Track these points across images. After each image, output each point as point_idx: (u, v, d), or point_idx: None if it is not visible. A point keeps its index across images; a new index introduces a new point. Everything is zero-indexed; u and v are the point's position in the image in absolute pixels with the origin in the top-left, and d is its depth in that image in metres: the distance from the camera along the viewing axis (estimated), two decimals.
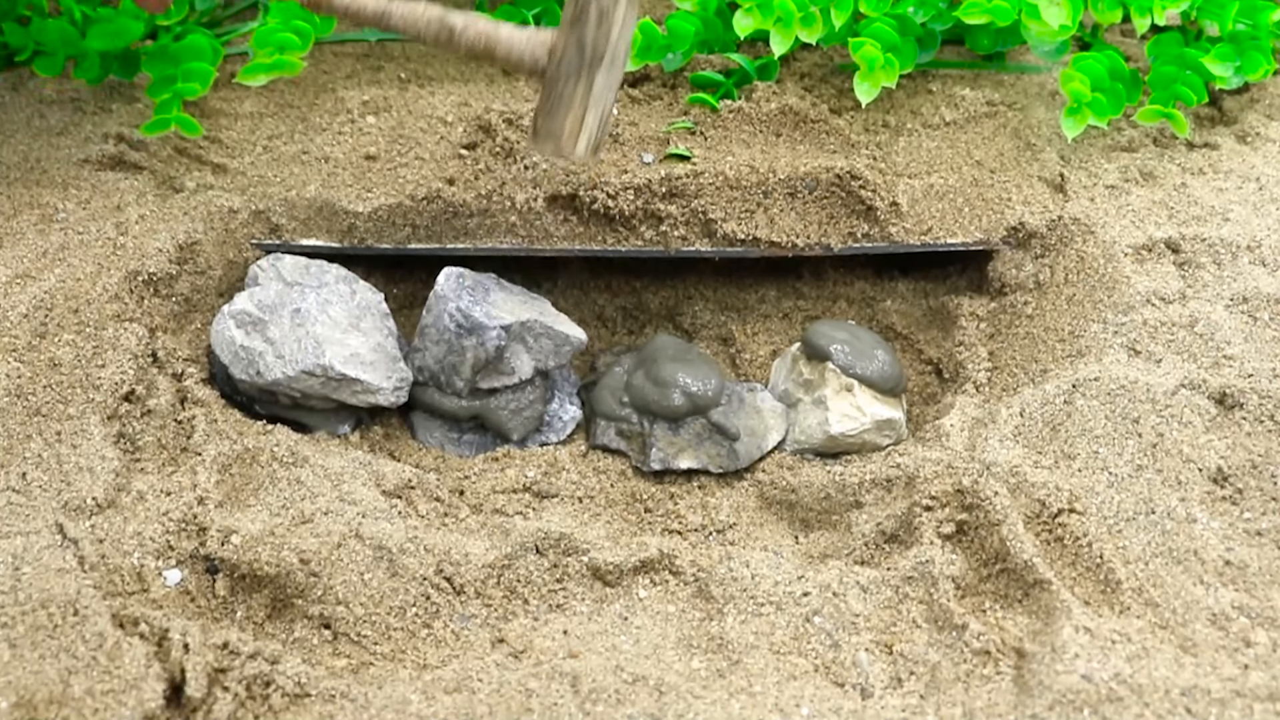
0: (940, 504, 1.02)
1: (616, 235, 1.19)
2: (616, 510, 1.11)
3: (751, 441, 1.13)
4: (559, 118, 1.02)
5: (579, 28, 1.00)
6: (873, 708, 0.90)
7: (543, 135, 1.04)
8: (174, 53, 1.21)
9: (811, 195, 1.20)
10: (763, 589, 0.99)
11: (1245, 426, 1.05)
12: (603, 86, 1.02)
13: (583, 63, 1.01)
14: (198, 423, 1.07)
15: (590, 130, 1.03)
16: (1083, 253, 1.18)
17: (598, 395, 1.16)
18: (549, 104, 1.03)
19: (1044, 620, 0.93)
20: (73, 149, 1.24)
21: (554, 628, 0.98)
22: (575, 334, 1.13)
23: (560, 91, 1.02)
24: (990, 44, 1.34)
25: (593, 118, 1.03)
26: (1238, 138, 1.32)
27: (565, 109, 1.02)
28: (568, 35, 1.01)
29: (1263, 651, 0.91)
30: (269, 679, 0.91)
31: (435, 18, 1.03)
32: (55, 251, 1.14)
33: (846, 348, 1.14)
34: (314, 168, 1.24)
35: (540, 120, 1.03)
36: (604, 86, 1.02)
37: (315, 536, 0.98)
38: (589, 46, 1.01)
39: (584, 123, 1.02)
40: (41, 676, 0.87)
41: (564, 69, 1.01)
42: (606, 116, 1.05)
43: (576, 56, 1.01)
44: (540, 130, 1.04)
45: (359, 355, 1.09)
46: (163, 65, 1.21)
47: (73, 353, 1.07)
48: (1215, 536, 0.98)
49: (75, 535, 0.95)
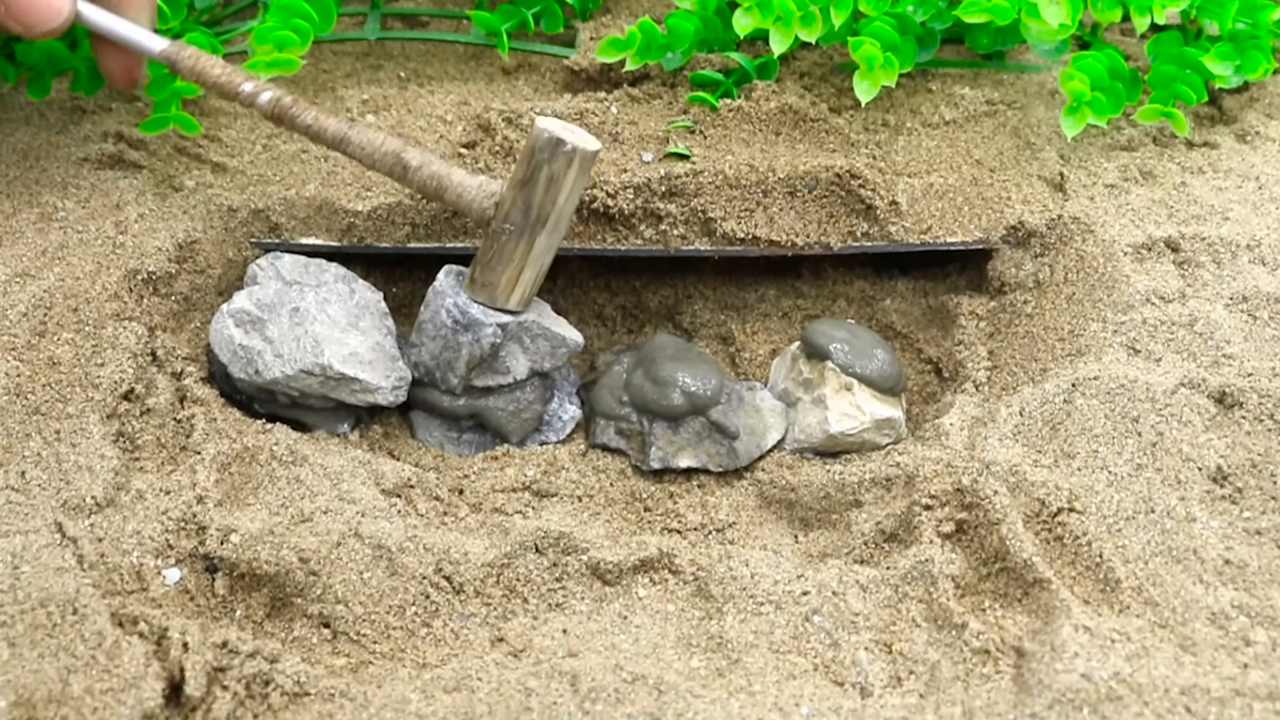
0: (940, 503, 1.02)
1: (616, 234, 1.19)
2: (616, 509, 1.11)
3: (751, 440, 1.13)
4: (497, 271, 1.06)
5: (528, 190, 1.03)
6: (872, 707, 0.90)
7: (479, 285, 1.07)
8: None
9: (811, 194, 1.19)
10: (762, 588, 0.99)
11: (1245, 426, 1.05)
12: (542, 248, 1.05)
13: (526, 224, 1.04)
14: (197, 421, 1.07)
15: (525, 285, 1.07)
16: (1082, 252, 1.18)
17: (597, 394, 1.16)
18: (489, 256, 1.06)
19: (1043, 619, 0.93)
20: (72, 148, 1.23)
21: (553, 627, 0.98)
22: (572, 336, 1.13)
23: (501, 247, 1.05)
24: (990, 43, 1.33)
25: (529, 274, 1.06)
26: (1237, 137, 1.31)
27: (504, 264, 1.05)
28: (515, 194, 1.04)
29: (1262, 650, 0.91)
30: (268, 678, 0.91)
31: (391, 151, 1.06)
32: (54, 250, 1.14)
33: (846, 347, 1.14)
34: (313, 166, 1.24)
35: (478, 270, 1.07)
36: (544, 248, 1.05)
37: (314, 535, 0.98)
38: (534, 209, 1.04)
39: (520, 278, 1.06)
40: (40, 675, 0.87)
41: (507, 226, 1.04)
42: (542, 275, 1.08)
43: (521, 217, 1.04)
44: (477, 280, 1.07)
45: (358, 354, 1.09)
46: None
47: (72, 351, 1.07)
48: (1215, 535, 0.98)
49: (74, 534, 0.95)
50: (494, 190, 1.05)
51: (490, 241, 1.06)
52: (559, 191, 1.03)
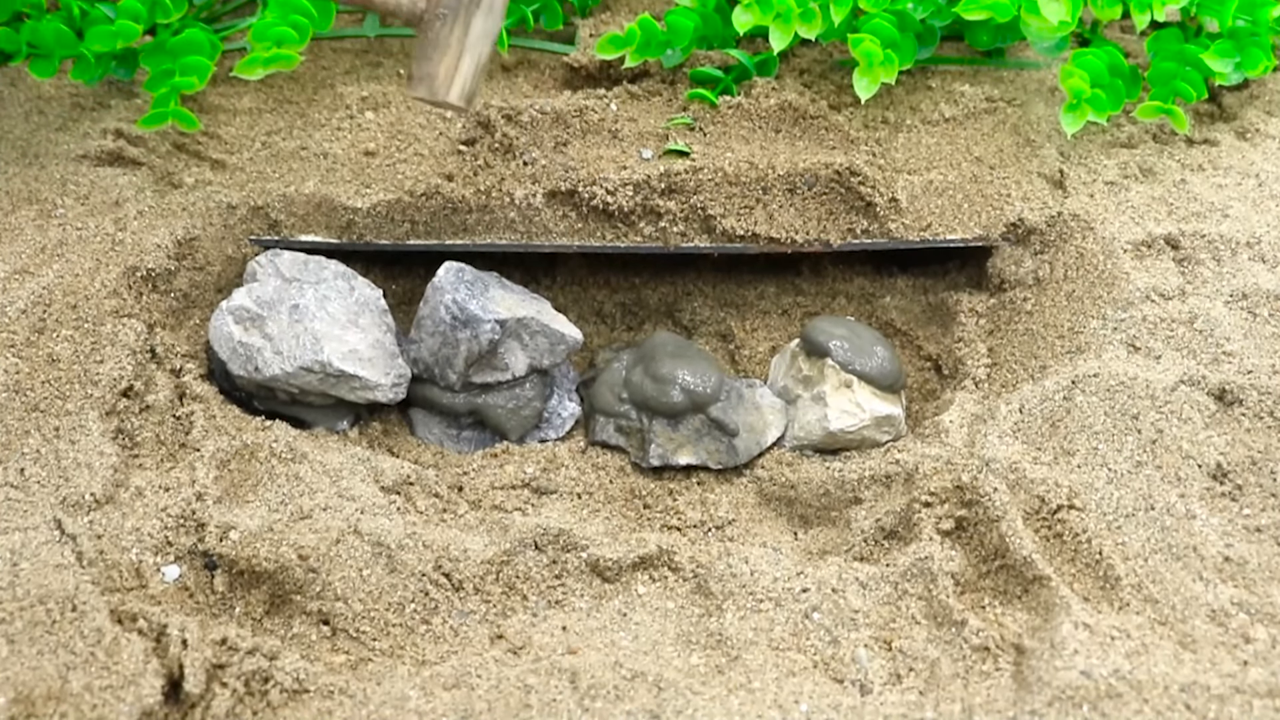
0: (939, 500, 1.02)
1: (615, 231, 1.19)
2: (615, 506, 1.10)
3: (750, 438, 1.13)
4: (434, 61, 1.02)
5: None
6: (872, 704, 0.90)
7: (417, 79, 1.04)
8: (172, 48, 1.21)
9: (811, 191, 1.19)
10: (762, 585, 0.98)
11: (1244, 423, 1.05)
12: (479, 32, 1.02)
13: (459, 5, 1.01)
14: (196, 419, 1.06)
15: (465, 76, 1.03)
16: (1082, 249, 1.18)
17: (597, 391, 1.16)
18: (424, 48, 1.03)
19: (1043, 616, 0.93)
20: (71, 145, 1.23)
21: (553, 624, 0.98)
22: (571, 333, 1.13)
23: (436, 35, 1.02)
24: (990, 40, 1.33)
25: (468, 63, 1.02)
26: (1237, 134, 1.31)
27: (440, 53, 1.02)
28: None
29: (1262, 648, 0.91)
30: (267, 675, 0.91)
31: None
32: (54, 247, 1.14)
33: (845, 344, 1.14)
34: (313, 164, 1.23)
35: (416, 65, 1.04)
36: (480, 32, 1.02)
37: (314, 532, 0.98)
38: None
39: (459, 68, 1.02)
40: (40, 672, 0.87)
41: (441, 11, 1.01)
42: (482, 65, 1.04)
43: None
44: (415, 75, 1.04)
45: (357, 351, 1.09)
46: (160, 60, 1.21)
47: (71, 348, 1.07)
48: (1214, 533, 0.98)
49: (73, 531, 0.95)
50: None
51: (425, 32, 1.03)
52: None
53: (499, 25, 1.04)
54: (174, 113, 1.19)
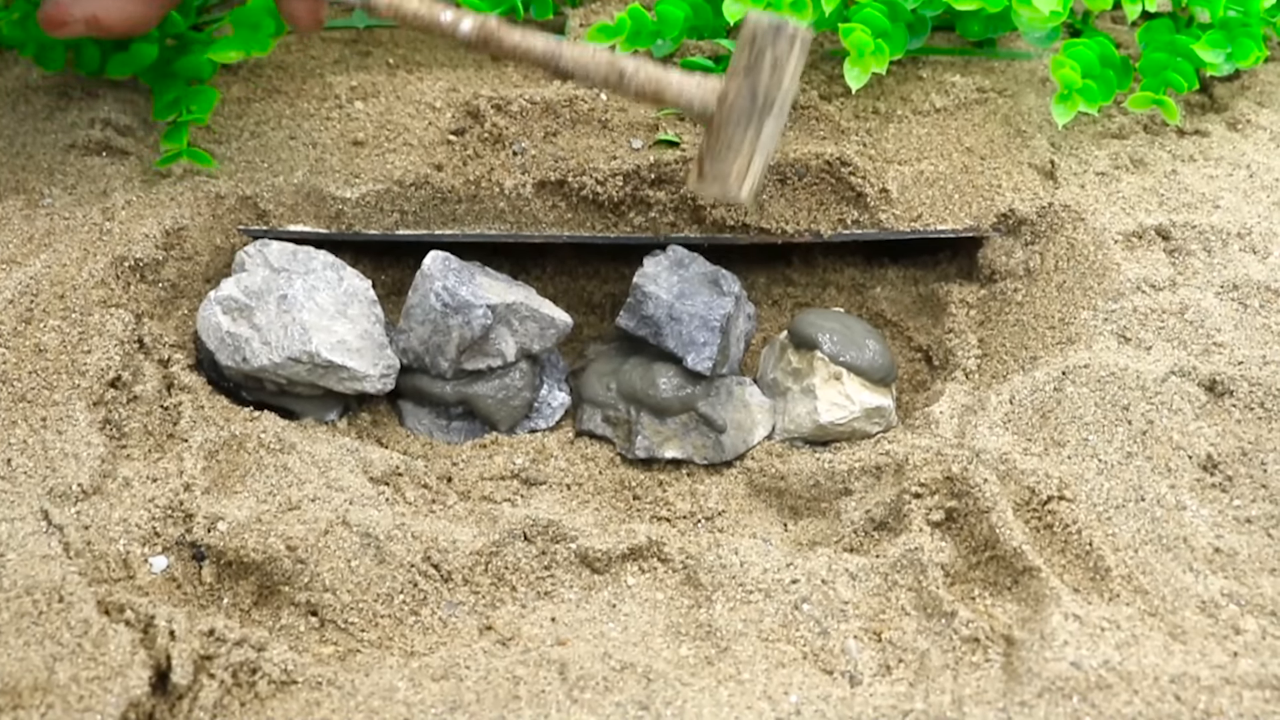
0: (929, 491, 1.02)
1: (605, 221, 1.19)
2: (605, 497, 1.10)
3: (738, 435, 1.13)
4: (727, 162, 1.03)
5: (752, 76, 1.01)
6: (861, 695, 0.90)
7: (709, 178, 1.04)
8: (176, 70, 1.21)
9: (801, 182, 1.19)
10: (751, 576, 0.98)
11: (1235, 414, 1.05)
12: (770, 133, 1.03)
13: (754, 110, 1.02)
14: (184, 409, 1.06)
15: (755, 174, 1.04)
16: (1073, 240, 1.18)
17: (586, 381, 1.15)
18: (717, 148, 1.03)
19: (1033, 607, 0.93)
20: (59, 134, 1.23)
21: (542, 615, 0.98)
22: (560, 317, 1.13)
23: (730, 137, 1.02)
24: (981, 30, 1.33)
25: (759, 163, 1.03)
26: (1228, 125, 1.31)
27: (734, 154, 1.03)
28: (740, 82, 1.01)
29: (1252, 639, 0.91)
30: (255, 666, 0.90)
31: (605, 62, 1.04)
32: (41, 237, 1.13)
33: (835, 336, 1.14)
34: (301, 153, 1.23)
35: (707, 164, 1.04)
36: (771, 133, 1.03)
37: (302, 523, 0.98)
38: (761, 95, 1.01)
39: (750, 167, 1.03)
40: (26, 663, 0.87)
41: (734, 115, 1.02)
42: (768, 162, 1.06)
43: (748, 104, 1.01)
44: (707, 173, 1.04)
45: (346, 342, 1.09)
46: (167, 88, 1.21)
47: (58, 339, 1.06)
48: (1205, 524, 0.98)
49: (60, 521, 0.95)
50: (714, 85, 1.03)
51: (717, 134, 1.03)
52: (784, 74, 1.01)
53: (785, 121, 1.05)
54: (189, 153, 1.18)
